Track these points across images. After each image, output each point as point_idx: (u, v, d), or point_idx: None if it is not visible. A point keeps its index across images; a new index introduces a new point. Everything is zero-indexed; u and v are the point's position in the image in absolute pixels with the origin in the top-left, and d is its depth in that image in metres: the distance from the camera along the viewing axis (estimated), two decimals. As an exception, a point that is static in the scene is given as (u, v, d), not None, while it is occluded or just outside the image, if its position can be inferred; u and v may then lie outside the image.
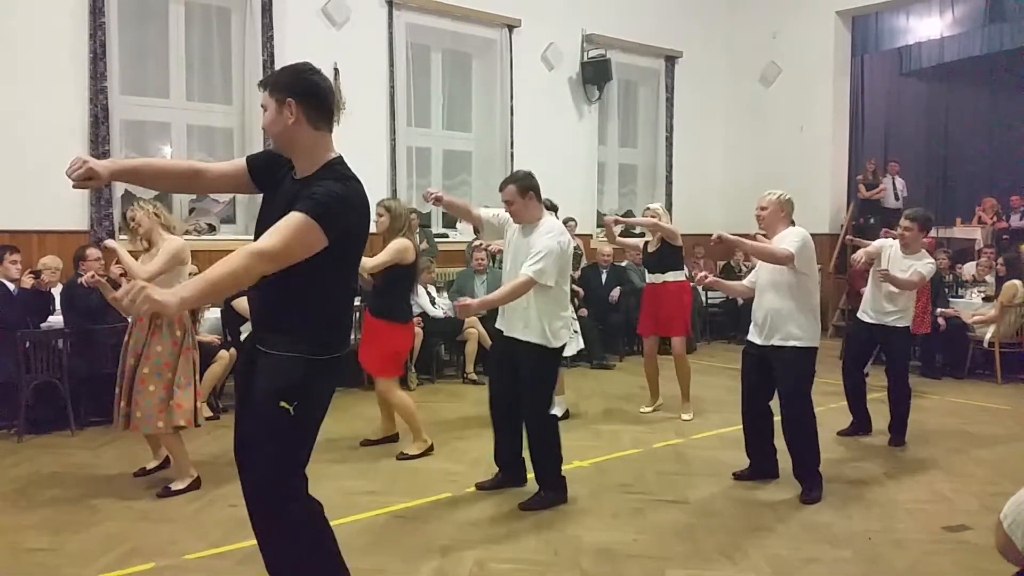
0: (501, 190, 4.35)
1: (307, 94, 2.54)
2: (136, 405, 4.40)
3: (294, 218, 2.38)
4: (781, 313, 4.45)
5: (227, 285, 2.34)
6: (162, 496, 4.47)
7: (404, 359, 5.39)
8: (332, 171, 2.55)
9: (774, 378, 4.57)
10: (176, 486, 4.54)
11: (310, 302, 2.54)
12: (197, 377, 4.64)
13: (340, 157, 2.61)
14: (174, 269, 4.51)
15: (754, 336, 4.62)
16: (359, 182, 2.58)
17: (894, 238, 5.73)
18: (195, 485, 4.58)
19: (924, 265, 5.45)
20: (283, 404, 2.52)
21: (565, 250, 4.24)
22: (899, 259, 5.51)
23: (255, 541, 2.88)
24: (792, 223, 4.78)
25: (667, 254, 6.25)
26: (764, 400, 4.69)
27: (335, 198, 2.44)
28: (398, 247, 5.05)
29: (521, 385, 4.32)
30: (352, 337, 3.32)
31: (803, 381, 4.51)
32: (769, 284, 4.52)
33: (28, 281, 6.04)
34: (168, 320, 4.41)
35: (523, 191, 4.27)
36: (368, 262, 4.93)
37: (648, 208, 6.53)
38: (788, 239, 4.44)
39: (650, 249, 6.36)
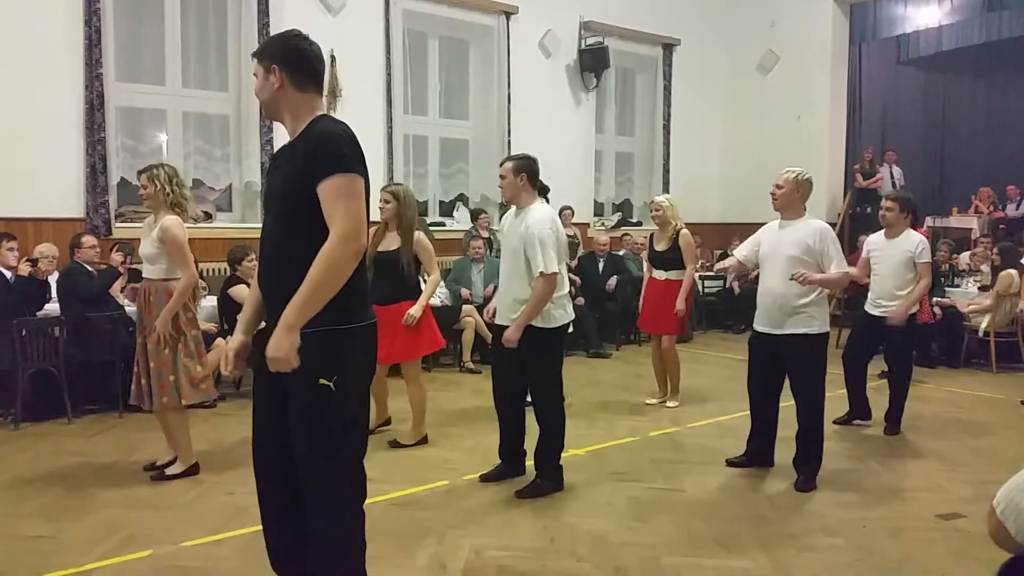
0: (500, 166, 4.43)
1: (291, 59, 2.58)
2: (151, 383, 4.42)
3: (329, 186, 2.42)
4: (801, 301, 4.40)
5: (330, 285, 2.39)
6: (157, 480, 4.48)
7: (435, 335, 5.33)
8: (322, 119, 2.58)
9: (787, 367, 4.54)
10: (173, 470, 4.54)
11: None
12: (200, 351, 4.59)
13: (325, 113, 2.64)
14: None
15: (765, 326, 4.54)
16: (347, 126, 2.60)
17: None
18: (193, 471, 4.58)
19: (918, 250, 5.40)
20: (322, 381, 2.47)
21: (557, 235, 4.24)
22: (883, 243, 5.52)
23: (254, 528, 2.88)
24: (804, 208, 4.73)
25: (676, 255, 6.23)
26: (773, 389, 4.67)
27: (338, 137, 2.49)
28: (429, 247, 5.13)
29: (529, 373, 4.32)
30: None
31: (821, 368, 4.50)
32: (787, 276, 4.40)
33: (25, 269, 6.03)
34: (153, 301, 4.44)
35: (517, 169, 4.30)
36: (434, 277, 5.14)
37: (653, 201, 6.50)
38: (834, 254, 4.39)
39: (659, 248, 6.31)
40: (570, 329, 4.48)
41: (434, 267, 5.17)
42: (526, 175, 4.31)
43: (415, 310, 5.04)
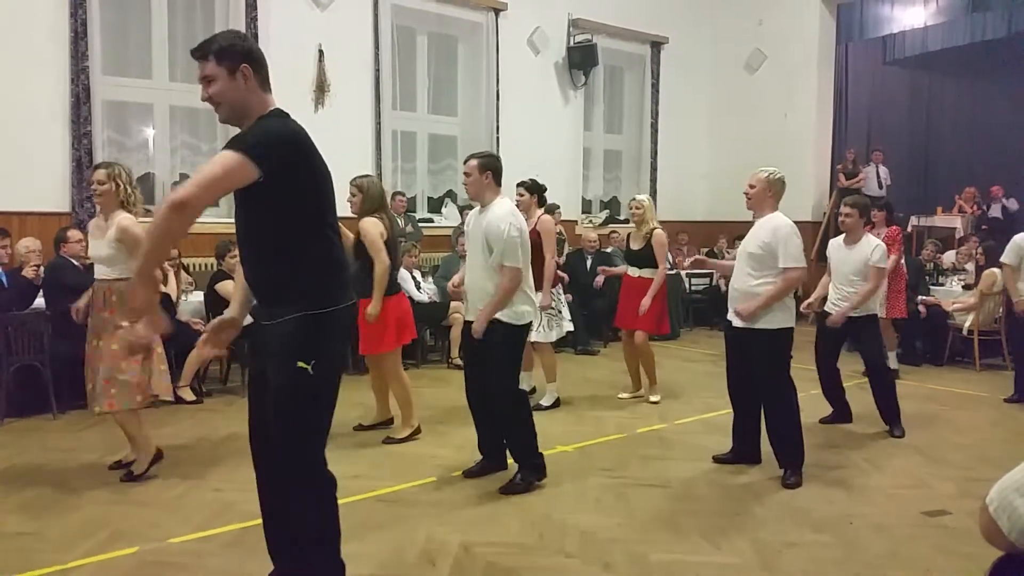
0: (465, 163, 4.41)
1: (256, 59, 2.57)
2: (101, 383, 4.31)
3: (218, 156, 2.44)
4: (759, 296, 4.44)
5: (161, 247, 2.46)
6: (126, 481, 4.36)
7: (405, 329, 5.28)
8: (267, 115, 2.58)
9: (752, 361, 4.59)
10: (138, 469, 4.41)
11: (292, 261, 2.56)
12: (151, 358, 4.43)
13: (279, 108, 2.63)
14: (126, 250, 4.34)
15: (733, 318, 4.62)
16: (298, 124, 2.58)
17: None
18: (157, 458, 4.48)
19: (876, 253, 5.46)
20: (300, 364, 2.53)
21: (520, 230, 4.21)
22: (841, 248, 5.61)
23: (241, 524, 2.90)
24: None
25: (650, 253, 6.24)
26: (749, 382, 4.70)
27: (266, 132, 2.49)
28: (377, 232, 5.00)
29: (488, 364, 4.31)
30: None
31: (781, 363, 4.53)
32: (747, 271, 4.50)
33: (31, 272, 5.90)
34: (114, 300, 4.34)
35: (482, 168, 4.30)
36: (377, 269, 4.95)
37: (633, 199, 6.51)
38: (787, 249, 4.40)
39: (635, 247, 6.34)
40: (533, 329, 4.48)
41: (376, 254, 4.96)
42: (491, 173, 4.32)
43: (373, 308, 4.94)
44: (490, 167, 4.32)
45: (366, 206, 5.10)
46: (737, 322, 4.59)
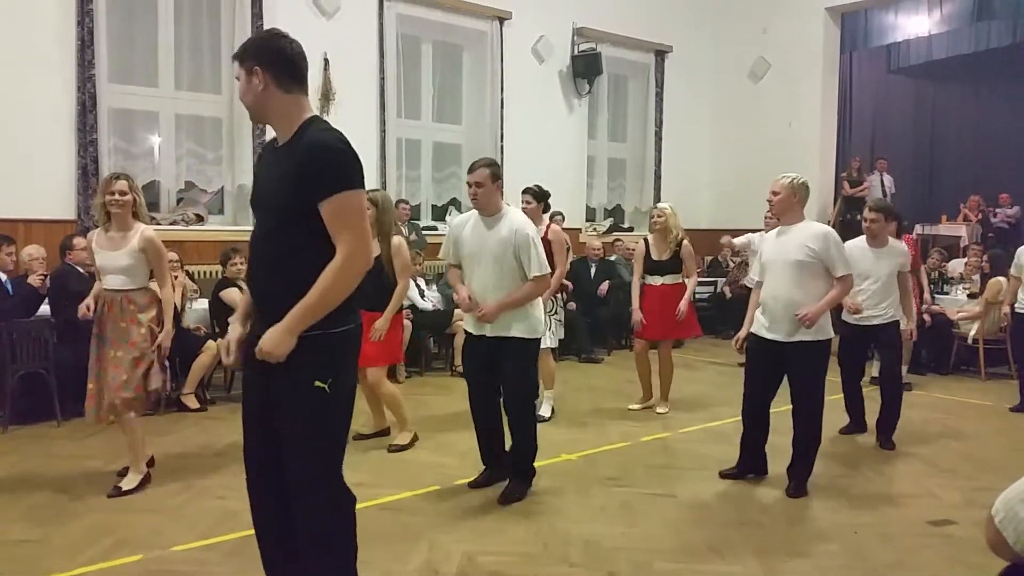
0: (471, 171, 4.29)
1: (272, 59, 2.52)
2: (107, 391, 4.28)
3: (335, 204, 2.42)
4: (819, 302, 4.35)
5: (335, 299, 2.45)
6: (113, 496, 4.28)
7: (402, 345, 5.34)
8: (315, 125, 2.55)
9: (790, 374, 4.49)
10: (127, 485, 4.36)
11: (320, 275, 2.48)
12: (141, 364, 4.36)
13: (317, 116, 2.61)
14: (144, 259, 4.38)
15: (772, 333, 4.45)
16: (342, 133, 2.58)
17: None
18: (145, 481, 4.43)
19: (906, 260, 5.44)
20: (318, 384, 2.50)
21: (538, 237, 4.29)
22: (867, 251, 5.45)
23: (244, 532, 2.88)
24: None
25: (675, 264, 6.26)
26: (770, 397, 4.64)
27: (337, 150, 2.46)
28: (405, 254, 5.07)
29: (508, 378, 4.31)
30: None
31: (823, 373, 4.47)
32: (793, 281, 4.37)
33: (36, 281, 5.91)
34: (133, 309, 4.33)
35: (494, 177, 4.26)
36: (401, 285, 5.05)
37: (655, 208, 6.50)
38: (838, 258, 4.37)
39: (659, 257, 6.26)
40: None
41: (404, 275, 5.08)
42: (500, 181, 4.30)
43: (381, 323, 4.99)
44: (499, 175, 4.31)
45: (385, 219, 5.06)
46: (769, 334, 4.45)
